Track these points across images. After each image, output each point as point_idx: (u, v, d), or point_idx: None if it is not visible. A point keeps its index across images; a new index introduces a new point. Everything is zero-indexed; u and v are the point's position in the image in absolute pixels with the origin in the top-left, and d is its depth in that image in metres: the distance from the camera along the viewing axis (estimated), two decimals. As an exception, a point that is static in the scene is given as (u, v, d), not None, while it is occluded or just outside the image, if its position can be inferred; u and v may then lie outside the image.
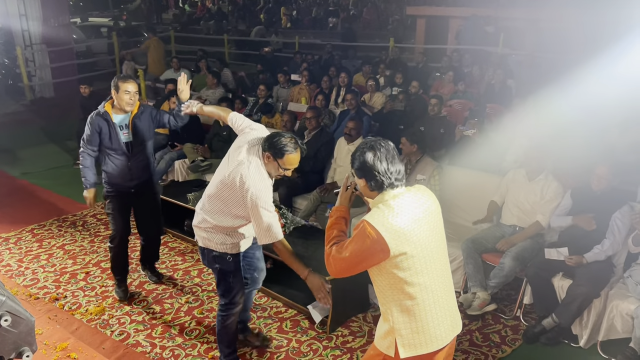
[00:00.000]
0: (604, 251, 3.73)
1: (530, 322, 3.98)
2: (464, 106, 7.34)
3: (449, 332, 2.26)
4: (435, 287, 2.20)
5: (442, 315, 2.22)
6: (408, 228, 2.11)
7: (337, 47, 12.65)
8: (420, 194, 2.25)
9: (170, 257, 4.99)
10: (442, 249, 2.27)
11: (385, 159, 2.17)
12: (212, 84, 8.33)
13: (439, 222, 2.28)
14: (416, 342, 2.19)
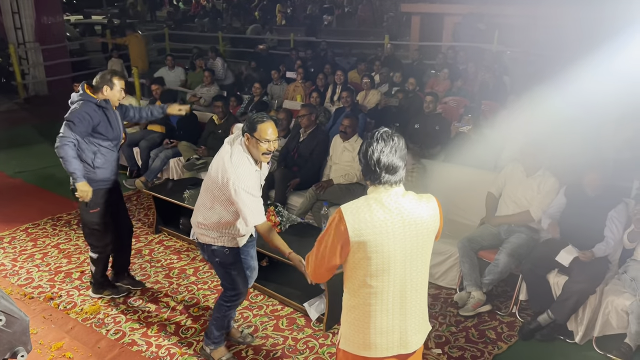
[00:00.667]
0: (609, 248, 3.75)
1: (526, 319, 3.99)
2: (459, 103, 7.34)
3: (393, 347, 2.17)
4: (389, 297, 2.11)
5: (388, 326, 2.14)
6: (374, 225, 2.03)
7: (332, 45, 12.63)
8: (415, 206, 2.10)
9: (166, 255, 4.97)
10: (413, 267, 2.12)
11: (381, 152, 2.05)
12: (207, 81, 8.30)
13: (423, 240, 2.12)
14: (354, 339, 2.20)
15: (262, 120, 2.92)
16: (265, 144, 2.91)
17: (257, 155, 2.98)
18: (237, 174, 2.91)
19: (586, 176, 3.87)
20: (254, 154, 2.98)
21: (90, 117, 3.78)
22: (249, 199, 2.92)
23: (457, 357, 3.58)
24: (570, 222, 3.94)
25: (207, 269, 4.73)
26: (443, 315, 4.05)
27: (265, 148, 2.93)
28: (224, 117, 6.33)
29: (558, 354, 3.67)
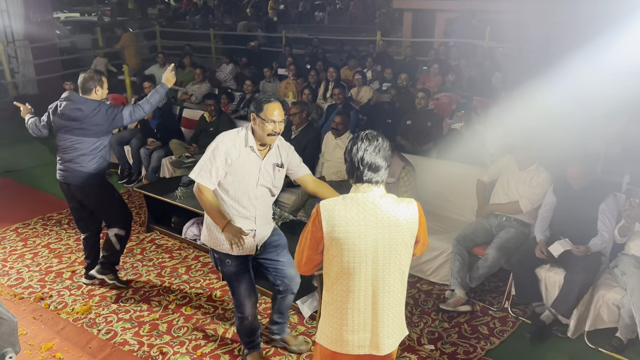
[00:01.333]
0: (605, 242, 3.77)
1: (519, 314, 4.00)
2: (451, 99, 7.35)
3: (364, 345, 2.21)
4: (359, 296, 2.15)
5: (360, 325, 2.19)
6: (348, 223, 2.08)
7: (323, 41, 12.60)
8: (393, 208, 2.12)
9: (158, 254, 4.95)
10: (385, 267, 2.14)
11: (364, 151, 2.10)
12: (198, 79, 8.25)
13: (397, 242, 2.13)
14: (328, 334, 2.26)
15: (269, 100, 2.86)
16: (270, 124, 2.83)
17: (262, 137, 2.88)
18: (221, 136, 2.92)
19: (569, 169, 3.88)
20: (259, 135, 2.88)
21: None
22: (208, 156, 2.89)
23: (450, 353, 3.59)
24: (561, 218, 3.95)
25: (199, 267, 4.71)
26: (436, 311, 4.06)
27: (270, 129, 2.84)
28: (216, 114, 6.29)
29: (550, 348, 3.68)
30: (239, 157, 2.92)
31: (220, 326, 3.86)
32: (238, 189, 2.98)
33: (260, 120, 2.84)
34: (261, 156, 2.97)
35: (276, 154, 3.04)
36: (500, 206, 4.23)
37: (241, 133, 2.95)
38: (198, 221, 5.09)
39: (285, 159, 3.08)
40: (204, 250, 4.97)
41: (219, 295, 4.27)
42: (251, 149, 2.93)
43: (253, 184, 2.98)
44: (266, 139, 2.89)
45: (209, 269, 4.68)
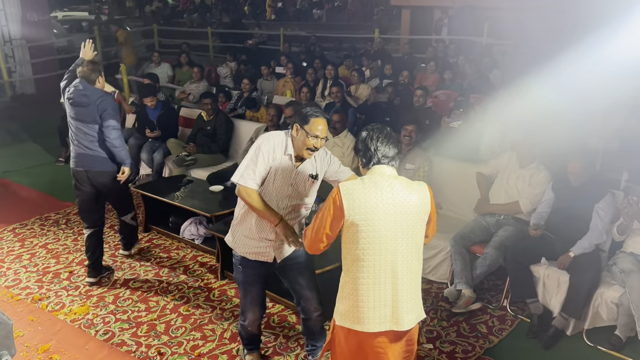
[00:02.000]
0: (591, 244, 3.75)
1: (517, 312, 4.00)
2: (449, 97, 7.33)
3: (385, 321, 2.31)
4: (382, 273, 2.28)
5: (380, 300, 2.29)
6: (367, 204, 2.24)
7: (321, 39, 12.58)
8: (407, 188, 2.29)
9: (156, 254, 4.93)
10: (404, 243, 2.30)
11: (377, 139, 2.34)
12: (196, 77, 8.22)
13: (413, 220, 2.30)
14: (348, 314, 2.34)
15: (317, 115, 2.80)
16: (312, 139, 2.77)
17: (300, 149, 2.82)
18: (265, 136, 2.87)
19: (569, 164, 3.86)
20: (298, 147, 2.83)
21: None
22: (251, 157, 2.82)
23: (449, 352, 3.58)
24: (558, 216, 3.94)
25: (197, 267, 4.70)
26: (434, 310, 4.05)
27: (311, 144, 2.77)
28: (213, 113, 6.27)
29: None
30: (275, 162, 2.86)
31: (219, 326, 3.85)
32: (267, 195, 2.89)
33: (303, 132, 2.77)
34: (296, 166, 2.89)
35: (312, 164, 2.94)
36: (500, 207, 4.21)
37: (283, 139, 2.87)
38: (196, 221, 5.07)
39: (320, 170, 2.98)
40: (202, 250, 4.96)
41: (217, 295, 4.26)
42: (289, 157, 2.87)
43: (285, 192, 2.91)
44: (303, 153, 2.82)
45: (207, 268, 4.67)
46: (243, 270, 3.08)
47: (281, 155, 2.86)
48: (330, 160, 3.02)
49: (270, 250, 3.00)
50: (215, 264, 4.71)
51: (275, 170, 2.86)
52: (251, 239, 3.00)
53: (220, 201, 4.97)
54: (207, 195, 5.07)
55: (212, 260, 4.79)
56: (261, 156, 2.82)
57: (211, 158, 6.14)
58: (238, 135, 6.39)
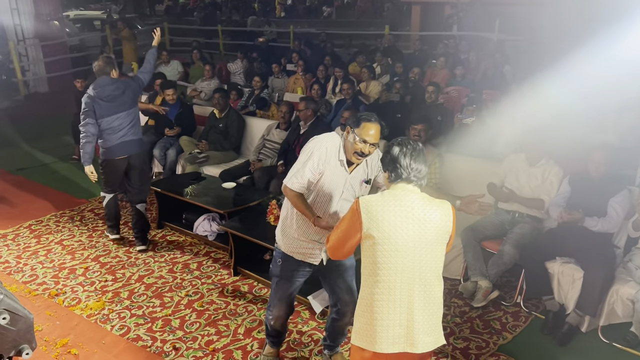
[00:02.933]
0: (601, 227, 3.75)
1: (531, 309, 3.99)
2: (460, 93, 7.32)
3: (398, 342, 2.22)
4: (396, 290, 2.21)
5: (393, 320, 2.21)
6: (385, 218, 2.20)
7: (332, 36, 12.58)
8: (428, 205, 2.24)
9: (169, 250, 4.97)
10: (423, 264, 2.23)
11: (410, 156, 2.29)
12: (207, 75, 8.25)
13: (433, 239, 2.23)
14: (364, 333, 2.28)
15: (370, 120, 2.77)
16: (361, 143, 2.74)
17: (349, 153, 2.80)
18: (318, 140, 2.86)
19: (592, 155, 3.84)
20: (347, 150, 2.81)
21: None
22: (303, 162, 2.83)
23: (462, 348, 3.58)
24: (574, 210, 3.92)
25: (210, 263, 4.74)
26: (447, 306, 4.04)
27: (359, 148, 2.74)
28: (224, 110, 6.30)
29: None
30: (328, 167, 2.85)
31: (232, 322, 3.88)
32: (318, 199, 2.91)
33: (354, 135, 2.76)
34: (349, 171, 2.88)
35: (364, 169, 2.94)
36: (525, 200, 4.15)
37: (336, 143, 2.86)
38: (209, 217, 5.10)
39: (372, 173, 2.97)
40: (215, 246, 4.99)
41: (231, 291, 4.29)
42: (341, 162, 2.86)
43: (336, 197, 2.91)
44: (352, 157, 2.81)
45: (220, 264, 4.70)
46: (282, 264, 3.08)
47: (335, 160, 2.85)
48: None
49: (318, 252, 3.00)
50: (228, 260, 4.74)
51: (327, 175, 2.85)
52: (300, 240, 3.00)
53: (232, 198, 5.00)
54: (219, 192, 5.11)
55: (225, 256, 4.83)
56: (310, 163, 2.82)
57: (223, 155, 6.17)
58: (250, 132, 6.41)
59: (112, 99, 4.49)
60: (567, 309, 3.78)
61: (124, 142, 4.60)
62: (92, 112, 4.48)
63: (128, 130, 4.61)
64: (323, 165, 2.84)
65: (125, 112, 4.56)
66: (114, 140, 4.58)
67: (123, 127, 4.58)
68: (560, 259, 3.84)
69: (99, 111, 4.47)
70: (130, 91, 4.63)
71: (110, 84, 4.50)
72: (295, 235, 3.00)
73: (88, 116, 4.49)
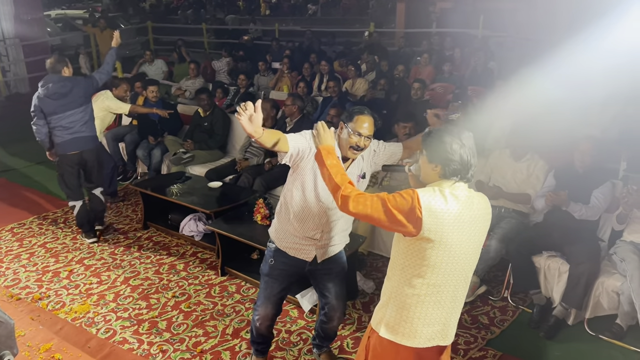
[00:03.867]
0: (584, 214, 3.77)
1: (519, 303, 4.01)
2: (446, 89, 7.32)
3: (436, 337, 2.17)
4: (444, 290, 2.11)
5: (436, 318, 2.13)
6: (446, 222, 2.02)
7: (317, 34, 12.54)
8: (477, 199, 2.14)
9: (155, 251, 4.92)
10: (470, 262, 2.16)
11: (469, 151, 2.08)
12: (192, 74, 8.17)
13: (481, 235, 2.16)
14: (399, 329, 2.16)
15: (362, 112, 2.75)
16: (356, 137, 2.70)
17: (345, 148, 2.76)
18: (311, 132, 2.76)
19: (578, 146, 3.87)
20: (342, 146, 2.77)
21: None
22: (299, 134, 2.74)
23: (451, 344, 3.57)
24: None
25: (197, 263, 4.69)
26: (435, 302, 4.04)
27: (355, 141, 2.69)
28: (210, 109, 6.25)
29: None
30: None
31: (220, 322, 3.85)
32: (313, 199, 2.83)
33: (347, 130, 2.72)
34: (345, 167, 2.81)
35: (359, 164, 2.89)
36: (512, 196, 4.17)
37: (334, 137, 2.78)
38: (195, 217, 5.06)
39: (367, 167, 2.92)
40: (201, 246, 4.95)
41: (218, 292, 4.25)
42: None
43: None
44: (347, 152, 2.76)
45: (207, 265, 4.66)
46: (274, 263, 3.01)
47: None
48: (382, 149, 2.94)
49: (312, 249, 2.94)
50: (215, 260, 4.70)
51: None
52: (295, 235, 2.93)
53: (218, 197, 4.96)
54: (205, 192, 5.06)
55: (212, 256, 4.79)
56: (303, 134, 2.75)
57: (209, 154, 6.12)
58: (235, 131, 6.36)
59: (58, 96, 4.58)
60: (553, 302, 3.81)
61: (75, 138, 4.72)
62: (40, 112, 4.67)
63: (80, 127, 4.72)
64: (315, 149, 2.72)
65: (75, 110, 4.66)
66: (65, 137, 4.70)
67: (74, 124, 4.69)
68: (547, 253, 3.87)
69: (47, 109, 4.63)
70: (80, 89, 4.69)
71: (57, 82, 4.58)
72: (291, 229, 2.92)
73: (37, 116, 4.70)
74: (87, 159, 4.88)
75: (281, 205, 2.99)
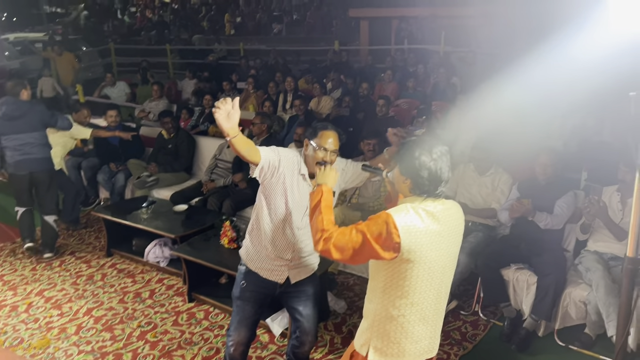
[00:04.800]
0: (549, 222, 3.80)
1: (490, 316, 4.01)
2: (410, 105, 7.40)
3: (424, 353, 2.17)
4: (426, 306, 2.10)
5: (422, 334, 2.12)
6: (424, 241, 2.00)
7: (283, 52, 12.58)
8: (453, 211, 2.13)
9: (120, 279, 4.76)
10: (449, 273, 2.15)
11: (444, 166, 2.04)
12: (156, 95, 8.05)
13: (456, 246, 2.15)
14: (387, 350, 2.13)
15: (326, 128, 2.75)
16: (322, 152, 2.69)
17: (311, 165, 2.72)
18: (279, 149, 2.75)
19: (538, 158, 3.92)
20: (309, 163, 2.74)
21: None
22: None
23: (424, 362, 3.54)
24: (523, 217, 3.98)
25: (163, 290, 4.55)
26: (407, 320, 4.01)
27: (321, 157, 2.68)
28: (174, 131, 6.15)
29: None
30: (289, 177, 2.75)
31: (188, 351, 3.72)
32: (280, 216, 2.78)
33: (312, 147, 2.71)
34: (312, 185, 2.78)
35: None
36: (478, 211, 4.21)
37: (297, 157, 2.79)
38: (160, 243, 4.92)
39: (336, 187, 2.85)
40: (167, 272, 4.82)
41: (186, 319, 4.12)
42: (303, 177, 2.77)
43: (300, 212, 2.80)
44: (315, 168, 2.69)
45: (173, 291, 4.53)
46: (245, 285, 2.92)
47: (297, 175, 2.77)
48: (349, 167, 2.93)
49: (284, 269, 2.88)
50: (182, 286, 4.57)
51: (290, 190, 2.75)
52: (267, 256, 2.87)
53: (184, 221, 4.85)
54: (170, 216, 4.95)
55: (178, 282, 4.66)
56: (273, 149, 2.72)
57: (174, 177, 6.01)
58: (201, 152, 6.28)
59: (10, 118, 4.77)
60: (523, 314, 3.82)
61: (26, 159, 4.87)
62: None
63: (31, 149, 4.87)
64: (284, 164, 2.73)
65: (27, 134, 4.84)
66: (16, 157, 4.87)
67: (24, 146, 4.85)
68: (515, 265, 3.89)
69: (1, 129, 4.82)
70: (36, 115, 4.89)
71: (12, 104, 4.78)
72: (262, 250, 2.86)
73: None
74: (37, 181, 4.98)
75: (252, 224, 2.93)
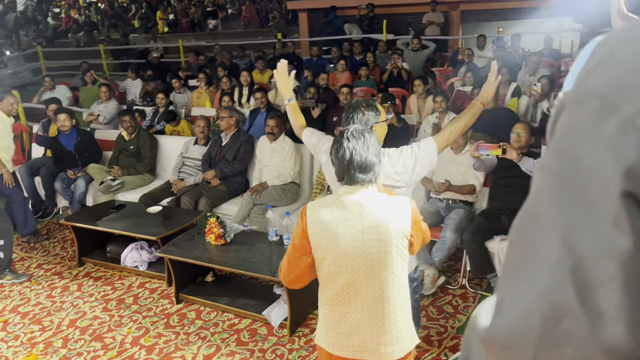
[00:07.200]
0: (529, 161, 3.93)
1: (477, 288, 4.19)
2: (366, 93, 7.52)
3: (359, 350, 2.11)
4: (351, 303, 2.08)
5: (352, 329, 2.10)
6: (330, 229, 1.98)
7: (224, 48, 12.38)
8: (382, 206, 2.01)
9: (98, 287, 4.57)
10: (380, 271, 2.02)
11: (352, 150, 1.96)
12: (104, 97, 7.70)
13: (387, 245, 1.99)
14: (323, 335, 2.20)
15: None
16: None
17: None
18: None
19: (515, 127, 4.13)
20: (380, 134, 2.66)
21: None
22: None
23: (425, 337, 3.66)
24: (500, 191, 4.21)
25: (147, 294, 4.42)
26: (399, 299, 4.12)
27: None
28: (134, 132, 5.94)
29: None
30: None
31: (188, 352, 3.65)
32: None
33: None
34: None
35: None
36: (459, 188, 4.36)
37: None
38: (137, 246, 4.77)
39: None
40: (148, 276, 4.68)
41: (177, 320, 4.03)
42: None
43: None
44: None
45: (158, 294, 4.41)
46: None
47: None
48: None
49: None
50: (166, 288, 4.46)
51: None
52: None
53: (162, 222, 4.72)
54: (146, 218, 4.79)
55: (161, 285, 4.53)
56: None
57: (139, 179, 5.81)
58: (164, 152, 6.11)
59: None
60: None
61: None
62: None
63: None
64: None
65: None
66: None
67: None
68: (498, 237, 4.08)
69: None
70: None
71: None
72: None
73: None
74: None
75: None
